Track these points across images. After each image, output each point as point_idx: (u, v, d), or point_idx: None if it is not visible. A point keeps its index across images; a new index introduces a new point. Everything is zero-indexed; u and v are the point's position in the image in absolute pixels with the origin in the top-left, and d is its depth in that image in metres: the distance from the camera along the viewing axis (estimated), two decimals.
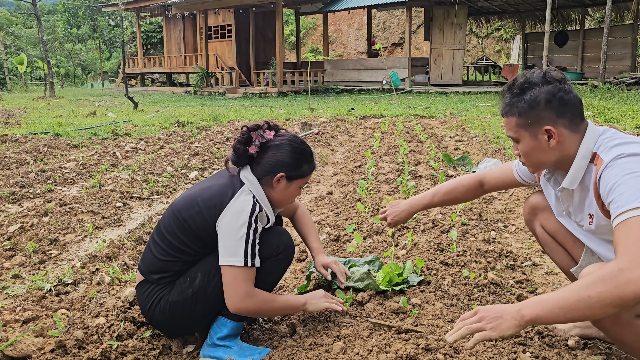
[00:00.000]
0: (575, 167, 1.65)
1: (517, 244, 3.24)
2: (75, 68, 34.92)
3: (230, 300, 1.84)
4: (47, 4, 44.07)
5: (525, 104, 1.63)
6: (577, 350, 1.91)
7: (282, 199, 2.00)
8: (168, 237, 1.92)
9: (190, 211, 1.88)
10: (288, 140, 1.96)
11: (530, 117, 1.63)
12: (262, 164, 1.93)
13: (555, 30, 18.49)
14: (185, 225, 1.88)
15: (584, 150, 1.63)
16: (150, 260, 1.95)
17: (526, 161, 1.74)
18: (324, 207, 4.16)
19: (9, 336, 2.05)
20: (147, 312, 1.96)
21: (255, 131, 1.94)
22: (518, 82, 1.67)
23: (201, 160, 5.94)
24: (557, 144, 1.63)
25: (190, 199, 1.92)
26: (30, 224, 3.56)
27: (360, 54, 28.61)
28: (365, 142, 7.16)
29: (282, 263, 2.00)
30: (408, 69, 17.86)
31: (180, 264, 1.92)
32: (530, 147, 1.67)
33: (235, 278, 1.82)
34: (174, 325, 1.96)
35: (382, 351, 1.89)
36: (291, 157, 1.93)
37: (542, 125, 1.62)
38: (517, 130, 1.68)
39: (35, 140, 7.26)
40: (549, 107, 1.61)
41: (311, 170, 2.01)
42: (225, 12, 22.36)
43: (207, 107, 13.74)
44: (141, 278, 1.99)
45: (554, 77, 1.64)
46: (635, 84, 13.67)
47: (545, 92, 1.61)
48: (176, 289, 1.91)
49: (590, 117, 7.94)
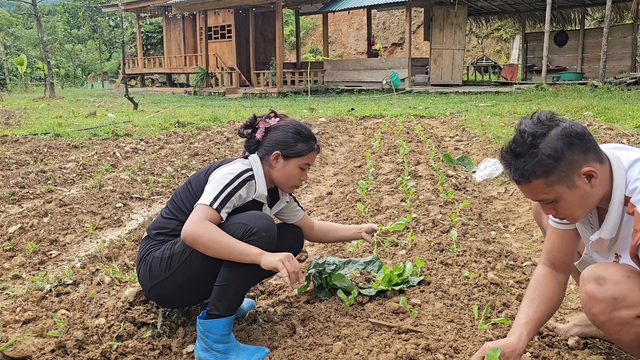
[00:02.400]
0: (614, 216, 1.54)
1: (517, 244, 3.24)
2: (75, 69, 34.92)
3: (184, 226, 1.84)
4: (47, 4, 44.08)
5: (549, 158, 1.46)
6: (577, 350, 1.91)
7: (284, 179, 2.09)
8: (174, 198, 2.10)
9: (197, 175, 2.09)
10: (287, 122, 2.13)
11: (562, 169, 1.47)
12: (264, 145, 2.10)
13: (555, 30, 18.50)
14: (189, 187, 2.07)
15: (619, 195, 1.52)
16: (157, 219, 2.12)
17: (571, 215, 1.57)
18: (324, 207, 4.16)
19: (9, 337, 2.05)
20: (137, 265, 2.07)
21: (261, 118, 2.13)
22: (522, 142, 1.50)
23: (201, 160, 5.94)
24: (599, 182, 1.50)
25: (202, 169, 2.12)
26: (30, 224, 3.56)
27: (360, 54, 28.62)
28: (365, 142, 7.16)
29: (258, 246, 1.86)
30: (408, 69, 17.87)
31: (175, 223, 2.03)
32: (573, 198, 1.52)
33: (197, 212, 1.87)
34: (150, 284, 2.01)
35: (382, 351, 1.89)
36: (286, 135, 2.08)
37: (577, 169, 1.47)
38: (552, 189, 1.50)
39: (35, 140, 7.26)
40: (574, 148, 1.47)
41: (309, 150, 2.10)
42: (225, 12, 22.36)
43: (207, 107, 13.74)
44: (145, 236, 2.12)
45: (547, 117, 1.52)
46: (635, 83, 13.67)
47: (559, 136, 1.47)
48: (162, 248, 2.00)
49: (590, 117, 7.94)
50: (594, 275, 1.58)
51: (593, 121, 7.43)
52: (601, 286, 1.56)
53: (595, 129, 6.69)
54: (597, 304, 1.57)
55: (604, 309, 1.56)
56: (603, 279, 1.56)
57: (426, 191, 4.19)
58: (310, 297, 2.43)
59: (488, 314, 2.14)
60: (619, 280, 1.54)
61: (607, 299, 1.54)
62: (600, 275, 1.57)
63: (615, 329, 1.57)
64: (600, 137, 6.18)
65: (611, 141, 5.80)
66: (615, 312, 1.54)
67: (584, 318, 1.97)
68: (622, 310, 1.53)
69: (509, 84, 16.87)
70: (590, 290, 1.57)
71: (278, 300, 2.45)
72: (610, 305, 1.54)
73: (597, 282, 1.57)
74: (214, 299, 1.91)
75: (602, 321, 1.58)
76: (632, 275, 1.55)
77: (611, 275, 1.56)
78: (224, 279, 1.89)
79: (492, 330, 2.02)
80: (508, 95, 13.83)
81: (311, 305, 2.32)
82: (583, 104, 9.43)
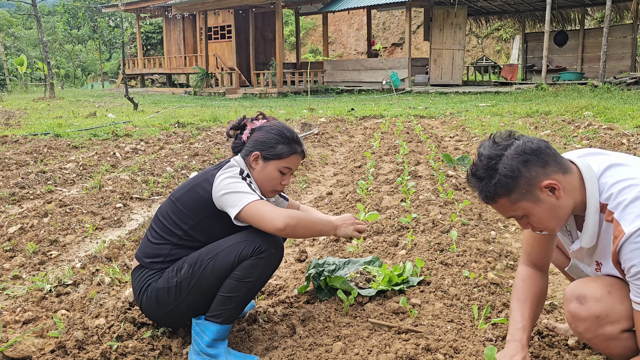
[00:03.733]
0: (592, 224, 1.55)
1: (517, 244, 3.24)
2: (75, 69, 34.91)
3: (269, 225, 1.82)
4: (47, 5, 44.08)
5: (507, 179, 1.51)
6: (577, 350, 1.91)
7: (263, 182, 2.02)
8: (161, 219, 2.00)
9: (183, 191, 2.00)
10: (271, 124, 2.06)
11: (522, 186, 1.51)
12: (246, 145, 2.05)
13: (555, 30, 18.49)
14: (178, 204, 1.97)
15: (593, 203, 1.53)
16: (145, 244, 2.02)
17: (546, 228, 1.60)
18: (324, 207, 4.16)
19: (9, 337, 2.05)
20: (137, 297, 2.00)
21: (249, 119, 2.08)
22: (481, 165, 1.56)
23: (201, 160, 5.94)
24: (563, 193, 1.53)
25: (184, 184, 2.06)
26: (30, 224, 3.56)
27: (360, 54, 28.61)
28: (365, 143, 7.16)
29: (262, 263, 1.88)
30: (408, 69, 17.87)
31: (169, 247, 1.95)
32: (541, 212, 1.55)
33: (258, 211, 1.83)
34: (159, 314, 1.96)
35: (382, 351, 1.89)
36: (267, 136, 2.01)
37: (537, 184, 1.52)
38: (518, 206, 1.55)
39: (35, 141, 7.26)
40: (530, 165, 1.51)
41: (290, 153, 2.00)
42: (225, 12, 22.36)
43: (207, 107, 13.74)
44: (137, 264, 2.03)
45: (502, 138, 1.56)
46: (635, 83, 13.67)
47: (513, 156, 1.51)
48: (164, 276, 1.93)
49: (590, 117, 7.94)
50: (575, 294, 1.59)
51: (593, 121, 7.43)
52: (582, 305, 1.57)
53: (595, 129, 6.69)
54: (581, 323, 1.58)
55: (588, 327, 1.57)
56: (584, 298, 1.57)
57: (426, 191, 4.19)
58: (310, 297, 2.43)
59: (488, 314, 2.14)
60: (600, 297, 1.55)
61: (590, 318, 1.55)
62: (581, 294, 1.58)
63: (603, 345, 1.59)
64: (600, 137, 6.18)
65: (611, 141, 5.80)
66: (600, 330, 1.55)
67: None
68: (607, 327, 1.54)
69: (509, 84, 16.87)
70: (573, 309, 1.59)
71: (278, 301, 2.45)
72: (594, 323, 1.55)
73: (579, 301, 1.58)
74: (215, 307, 1.90)
75: (589, 338, 1.59)
76: (612, 289, 1.56)
77: (592, 293, 1.57)
78: (229, 290, 1.87)
79: (492, 330, 2.02)
80: (508, 96, 13.83)
81: (311, 306, 2.32)
82: (583, 104, 9.43)
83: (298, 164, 2.06)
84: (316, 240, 3.34)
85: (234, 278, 1.86)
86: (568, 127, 7.23)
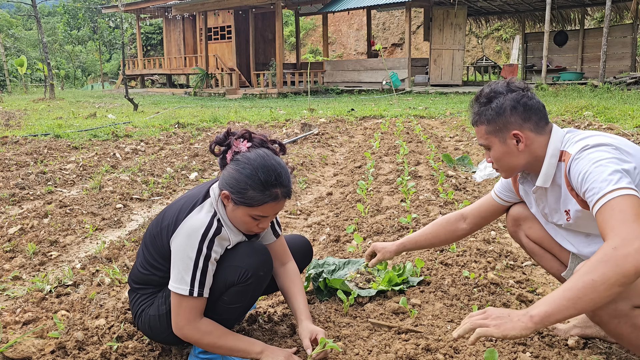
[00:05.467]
0: (547, 166, 1.73)
1: (516, 244, 3.24)
2: (75, 70, 34.94)
3: (173, 323, 1.76)
4: (47, 5, 44.11)
5: (492, 111, 1.73)
6: (577, 350, 1.91)
7: (234, 222, 1.78)
8: (145, 250, 1.89)
9: (158, 227, 1.83)
10: (250, 157, 1.70)
11: (498, 124, 1.73)
12: (222, 176, 1.76)
13: (555, 30, 18.49)
14: (156, 240, 1.83)
15: (552, 149, 1.72)
16: (134, 271, 1.95)
17: (499, 166, 1.83)
18: (324, 207, 4.16)
19: (9, 338, 2.05)
20: (134, 319, 1.97)
21: (234, 136, 1.76)
22: (484, 93, 1.78)
23: (201, 161, 5.95)
24: (525, 147, 1.73)
25: (161, 213, 1.88)
26: (30, 225, 3.56)
27: (360, 54, 28.62)
28: (365, 143, 7.16)
29: (251, 288, 1.81)
30: (408, 70, 17.87)
31: (158, 278, 1.87)
32: (501, 152, 1.77)
33: (179, 304, 1.72)
34: (156, 337, 1.93)
35: (382, 351, 1.89)
36: (239, 176, 1.69)
37: (510, 130, 1.73)
38: (487, 137, 1.78)
39: (36, 142, 7.27)
40: (515, 113, 1.72)
41: (263, 201, 1.68)
42: (225, 13, 22.37)
43: (207, 108, 13.74)
44: (131, 289, 2.01)
45: (517, 86, 1.76)
46: (635, 83, 13.66)
47: (510, 99, 1.72)
48: (155, 303, 1.87)
49: (590, 117, 7.94)
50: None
51: (593, 121, 7.43)
52: None
53: (595, 129, 6.69)
54: None
55: None
56: None
57: (426, 191, 4.19)
58: (310, 297, 2.42)
59: None
60: None
61: None
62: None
63: (613, 323, 1.58)
64: None
65: None
66: (612, 304, 1.55)
67: (584, 319, 1.97)
68: (619, 302, 1.54)
69: None
70: None
71: (278, 301, 2.45)
72: None
73: None
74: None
75: (600, 315, 1.59)
76: None
77: None
78: (221, 312, 1.83)
79: None
80: None
81: (311, 306, 2.32)
82: (583, 103, 9.42)
83: (276, 211, 1.74)
84: (316, 241, 3.35)
85: (224, 303, 1.83)
86: (568, 127, 7.22)
